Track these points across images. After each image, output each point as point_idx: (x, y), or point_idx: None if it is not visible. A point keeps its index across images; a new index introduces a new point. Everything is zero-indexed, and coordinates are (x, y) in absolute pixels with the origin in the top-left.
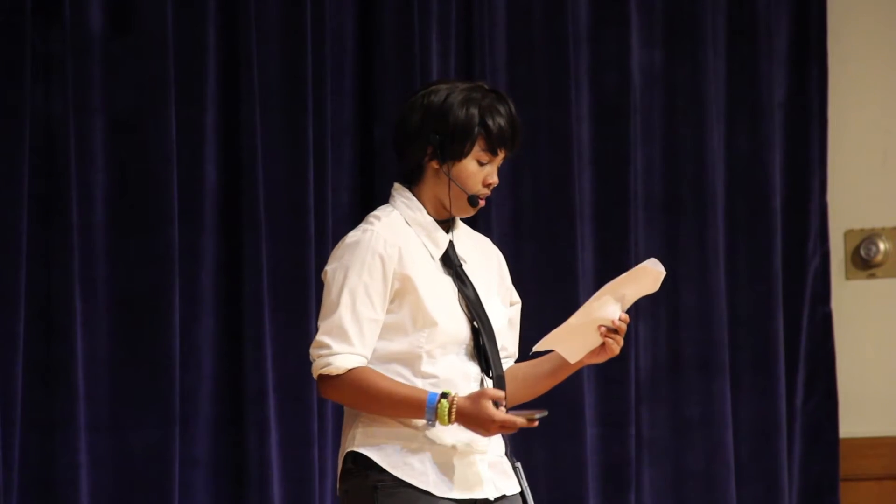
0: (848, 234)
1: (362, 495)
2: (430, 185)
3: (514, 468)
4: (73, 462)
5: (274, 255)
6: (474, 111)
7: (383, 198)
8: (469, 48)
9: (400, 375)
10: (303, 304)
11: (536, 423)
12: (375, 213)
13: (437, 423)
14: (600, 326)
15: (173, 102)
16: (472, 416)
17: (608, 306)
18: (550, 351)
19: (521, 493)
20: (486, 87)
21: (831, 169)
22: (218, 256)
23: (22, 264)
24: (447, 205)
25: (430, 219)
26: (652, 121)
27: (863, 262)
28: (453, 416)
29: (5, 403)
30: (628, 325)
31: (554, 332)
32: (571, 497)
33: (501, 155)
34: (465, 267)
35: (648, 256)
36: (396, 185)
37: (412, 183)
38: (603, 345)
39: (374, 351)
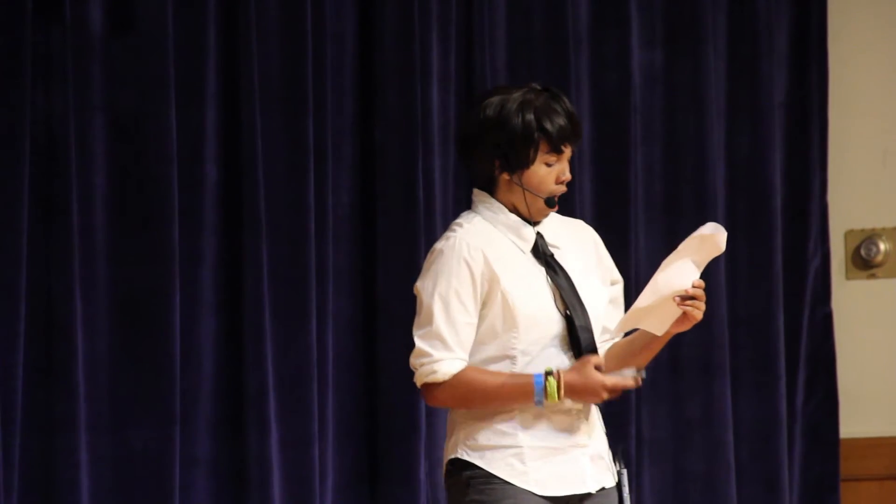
0: (848, 235)
1: (458, 490)
2: (504, 193)
3: (619, 473)
4: (74, 462)
5: (274, 254)
6: (530, 117)
7: (384, 198)
8: (469, 48)
9: None
10: (303, 303)
11: (641, 382)
12: (458, 220)
13: (548, 402)
14: (675, 297)
15: (174, 102)
16: (581, 387)
17: (677, 278)
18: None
19: (620, 499)
20: (539, 87)
21: (832, 169)
22: (218, 256)
23: (22, 264)
24: (524, 211)
25: (514, 216)
26: (652, 121)
27: (863, 263)
28: (563, 392)
29: (6, 403)
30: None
31: (625, 317)
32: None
33: (568, 150)
34: (558, 254)
35: (649, 257)
36: (476, 191)
37: (489, 190)
38: (685, 313)
39: (471, 354)
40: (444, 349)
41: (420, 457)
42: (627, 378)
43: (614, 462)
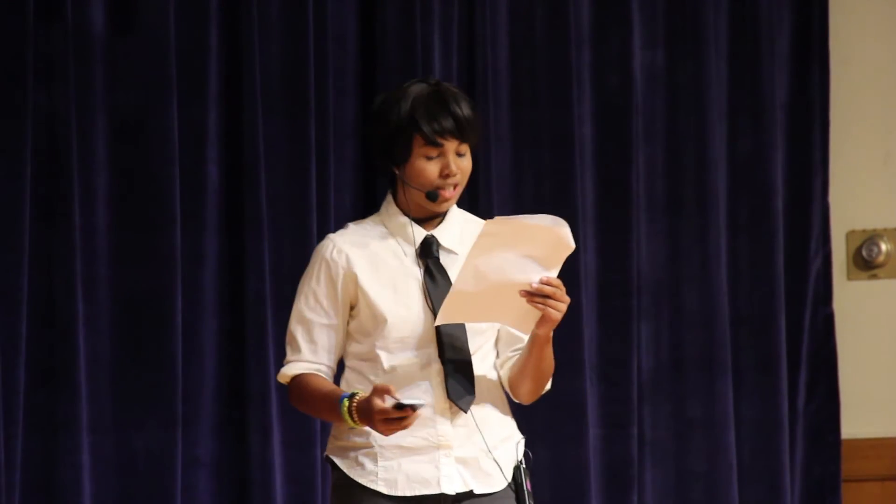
0: (850, 235)
1: (331, 492)
2: (401, 188)
3: (518, 468)
4: (76, 463)
5: (276, 255)
6: (406, 109)
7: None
8: (471, 49)
9: (362, 375)
10: None
11: (410, 411)
12: (356, 221)
13: (350, 425)
14: (521, 292)
15: (175, 102)
16: (365, 413)
17: (514, 270)
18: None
19: (518, 495)
20: (434, 81)
21: (833, 170)
22: (220, 257)
23: (24, 264)
24: (408, 208)
25: (405, 219)
26: (654, 121)
27: (864, 263)
28: (355, 416)
29: (8, 404)
30: (632, 325)
31: (446, 301)
32: (573, 498)
33: (453, 144)
34: (451, 258)
35: (651, 257)
36: (388, 194)
37: (393, 189)
38: (543, 313)
39: (347, 354)
40: (294, 352)
41: None
42: (392, 409)
43: (523, 462)
